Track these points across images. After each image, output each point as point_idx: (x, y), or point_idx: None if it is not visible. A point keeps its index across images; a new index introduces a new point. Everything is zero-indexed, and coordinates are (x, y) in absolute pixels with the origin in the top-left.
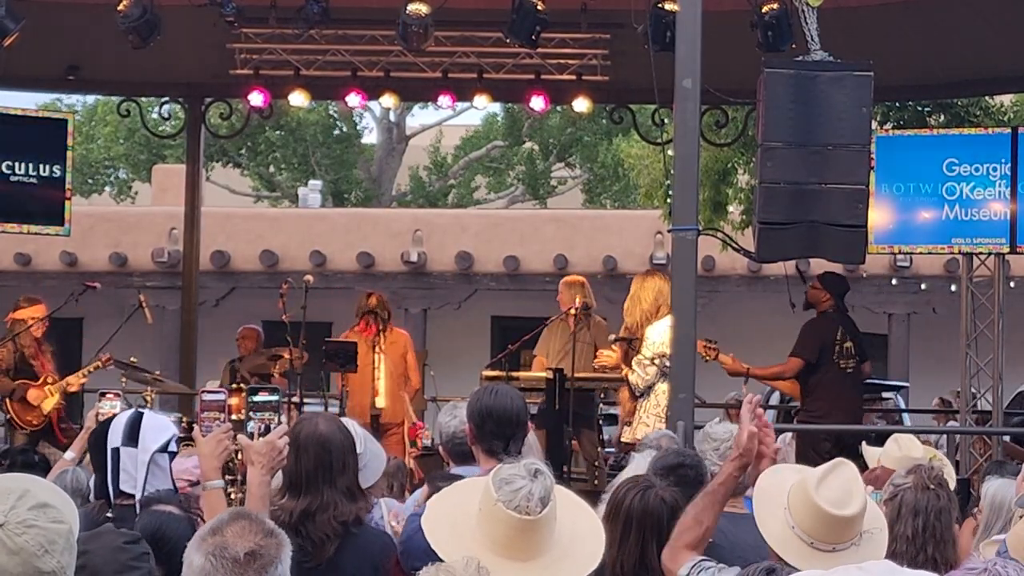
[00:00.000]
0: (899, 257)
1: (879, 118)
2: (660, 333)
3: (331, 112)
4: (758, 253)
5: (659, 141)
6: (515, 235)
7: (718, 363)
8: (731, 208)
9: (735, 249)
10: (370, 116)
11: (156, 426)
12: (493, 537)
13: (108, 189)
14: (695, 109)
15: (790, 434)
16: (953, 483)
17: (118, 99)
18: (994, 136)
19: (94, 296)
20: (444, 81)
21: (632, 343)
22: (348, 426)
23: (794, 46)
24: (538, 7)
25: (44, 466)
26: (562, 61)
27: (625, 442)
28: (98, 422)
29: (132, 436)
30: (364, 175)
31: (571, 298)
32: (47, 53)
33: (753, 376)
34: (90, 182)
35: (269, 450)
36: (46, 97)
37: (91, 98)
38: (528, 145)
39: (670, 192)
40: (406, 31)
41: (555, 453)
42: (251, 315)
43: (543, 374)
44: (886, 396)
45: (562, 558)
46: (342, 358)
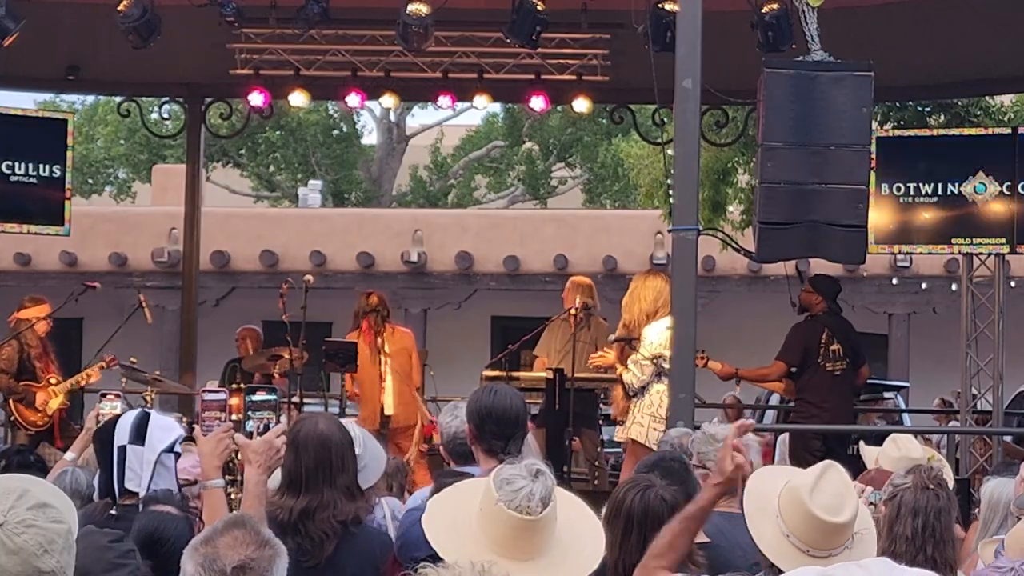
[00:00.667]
0: (899, 257)
1: (879, 118)
2: (657, 333)
3: (331, 112)
4: (758, 253)
5: (659, 141)
6: (515, 235)
7: (708, 370)
8: (731, 208)
9: (735, 249)
10: (370, 116)
11: (163, 426)
12: (493, 537)
13: (108, 189)
14: (695, 109)
15: (788, 434)
16: (952, 483)
17: (118, 99)
18: (994, 136)
19: (94, 296)
20: (444, 81)
21: (631, 343)
22: (347, 426)
23: (794, 46)
24: (538, 7)
25: (40, 466)
26: (562, 61)
27: (617, 441)
28: (98, 423)
29: (139, 435)
30: (364, 175)
31: (575, 299)
32: (47, 53)
33: (742, 377)
34: (90, 182)
35: (266, 449)
36: (46, 97)
37: (91, 98)
38: (528, 145)
39: (670, 192)
40: (406, 31)
41: (555, 453)
42: (251, 315)
43: (543, 374)
44: (886, 396)
45: (562, 559)
46: (342, 358)
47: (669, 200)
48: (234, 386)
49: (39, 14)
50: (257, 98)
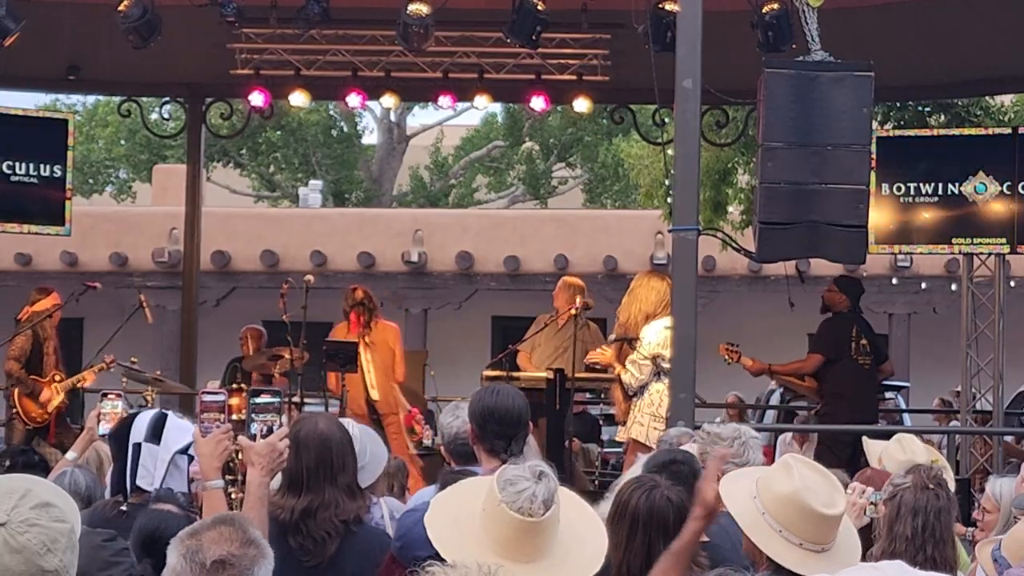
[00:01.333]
0: (899, 257)
1: (879, 118)
2: (656, 333)
3: (331, 112)
4: (758, 253)
5: (659, 141)
6: (515, 235)
7: (740, 365)
8: (731, 208)
9: (735, 249)
10: (370, 116)
11: (180, 427)
12: (496, 538)
13: (109, 189)
14: (695, 109)
15: (790, 434)
16: (953, 485)
17: (119, 99)
18: (994, 136)
19: (94, 296)
20: (444, 81)
21: (631, 343)
22: (347, 426)
23: (795, 46)
24: (538, 7)
25: (44, 467)
26: (563, 61)
27: (618, 441)
28: (99, 422)
29: (156, 433)
30: (365, 175)
31: (570, 298)
32: (48, 53)
33: (775, 372)
34: (91, 182)
35: (269, 451)
36: (46, 98)
37: (91, 98)
38: (528, 145)
39: (670, 192)
40: (406, 31)
41: (555, 453)
42: (251, 315)
43: (544, 374)
44: (887, 396)
45: (565, 560)
46: (342, 358)
47: (669, 200)
48: (234, 386)
49: (39, 14)
50: (257, 98)
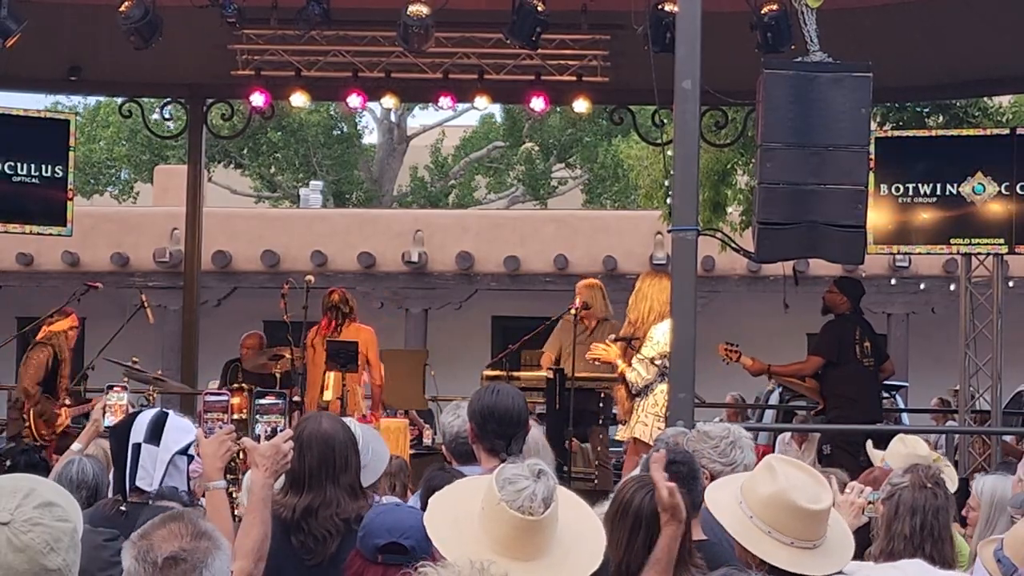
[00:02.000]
0: (898, 257)
1: (878, 119)
2: (663, 333)
3: (332, 113)
4: (758, 253)
5: (659, 142)
6: (515, 235)
7: (740, 365)
8: (731, 209)
9: (735, 249)
10: (371, 117)
11: (180, 427)
12: (495, 537)
13: (110, 189)
14: (695, 110)
15: (789, 434)
16: (954, 485)
17: (120, 100)
18: (992, 137)
19: (96, 296)
20: (445, 82)
21: (631, 343)
22: (350, 425)
23: (794, 47)
24: (538, 8)
25: (46, 467)
26: (562, 62)
27: (619, 440)
28: (104, 414)
29: (155, 434)
30: (365, 176)
31: (597, 300)
32: (49, 54)
33: (774, 373)
34: (92, 183)
35: (273, 453)
36: (48, 99)
37: (93, 99)
38: (528, 146)
39: (670, 193)
40: (407, 32)
41: (555, 453)
42: (252, 315)
43: (544, 374)
44: (885, 396)
45: (564, 559)
46: (343, 358)
47: (669, 201)
48: (236, 386)
49: (41, 15)
50: (258, 99)
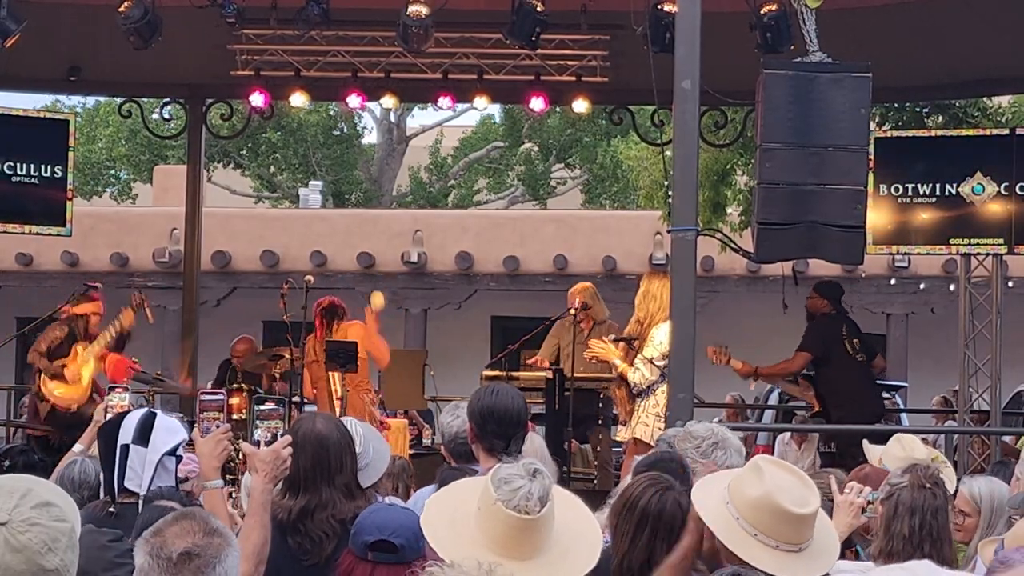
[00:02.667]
0: (897, 257)
1: (877, 119)
2: (666, 334)
3: (331, 113)
4: (757, 253)
5: (658, 142)
6: (515, 235)
7: (729, 367)
8: (730, 209)
9: (734, 250)
10: (370, 117)
11: (168, 428)
12: (492, 536)
13: (109, 190)
14: (694, 110)
15: (788, 434)
16: (953, 485)
17: (119, 100)
18: (992, 137)
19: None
20: (444, 82)
21: (632, 343)
22: (347, 425)
23: (793, 47)
24: (538, 8)
25: (44, 467)
26: (562, 62)
27: (619, 440)
28: (106, 415)
29: (143, 435)
30: (364, 176)
31: (596, 304)
32: (48, 54)
33: (761, 375)
34: (92, 183)
35: (273, 459)
36: (47, 99)
37: (92, 99)
38: (528, 146)
39: (670, 193)
40: (406, 32)
41: (555, 453)
42: (252, 315)
43: (543, 374)
44: (885, 396)
45: (561, 558)
46: (343, 358)
47: (669, 201)
48: (235, 386)
49: (40, 15)
50: (258, 99)
